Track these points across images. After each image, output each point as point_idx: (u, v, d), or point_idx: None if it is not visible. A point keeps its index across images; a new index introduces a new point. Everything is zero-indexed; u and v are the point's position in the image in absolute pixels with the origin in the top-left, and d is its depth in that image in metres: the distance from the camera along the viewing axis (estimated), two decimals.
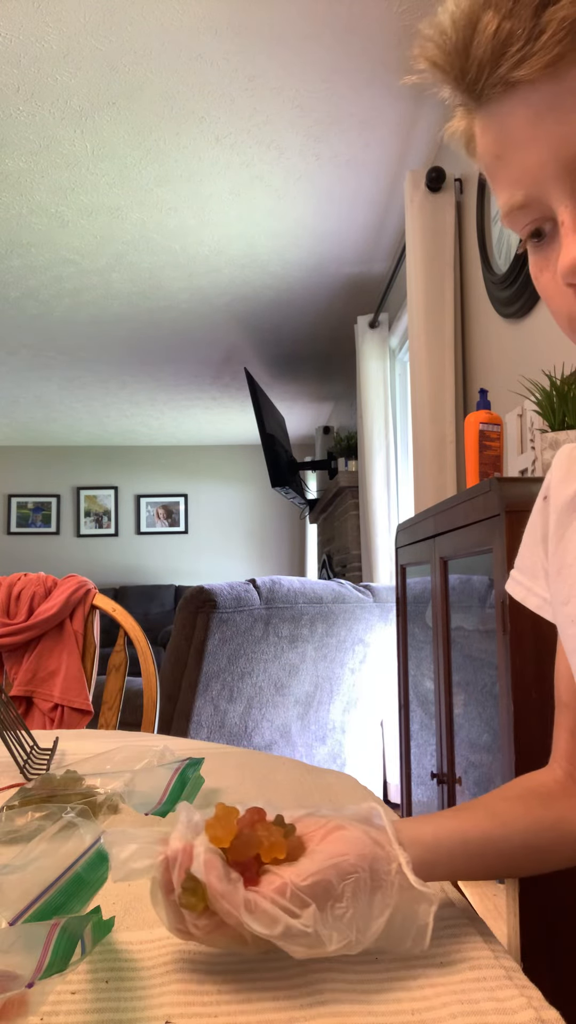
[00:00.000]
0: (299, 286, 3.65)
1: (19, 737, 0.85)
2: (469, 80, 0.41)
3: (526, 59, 0.39)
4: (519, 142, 0.42)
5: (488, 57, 0.40)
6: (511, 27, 0.38)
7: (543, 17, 0.38)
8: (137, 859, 0.45)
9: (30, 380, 5.20)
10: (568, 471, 0.62)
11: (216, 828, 0.45)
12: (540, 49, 0.38)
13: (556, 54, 0.38)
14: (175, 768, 0.73)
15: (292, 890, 0.42)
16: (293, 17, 1.93)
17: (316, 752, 2.50)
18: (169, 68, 2.11)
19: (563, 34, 0.38)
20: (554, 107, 0.39)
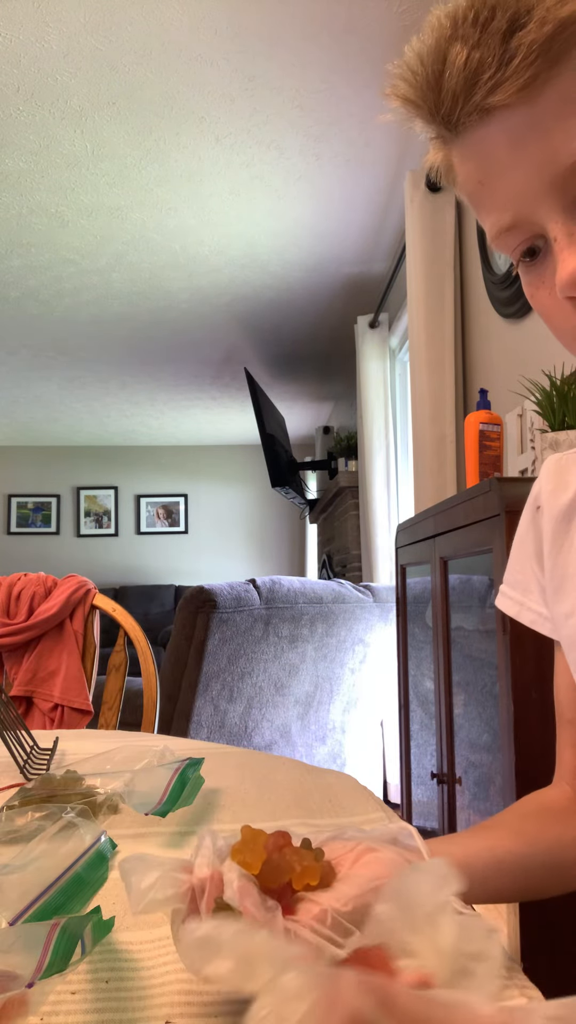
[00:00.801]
0: (299, 286, 3.65)
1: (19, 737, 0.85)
2: (444, 112, 0.42)
3: (499, 85, 0.40)
4: (501, 166, 0.42)
5: (461, 87, 0.41)
6: (481, 56, 0.39)
7: (512, 43, 0.39)
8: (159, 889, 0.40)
9: (30, 380, 5.20)
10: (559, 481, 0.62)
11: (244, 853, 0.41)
12: (513, 74, 0.39)
13: (529, 76, 0.39)
14: (175, 768, 0.73)
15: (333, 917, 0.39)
16: (293, 17, 1.93)
17: (316, 752, 2.50)
18: (169, 68, 2.11)
19: (534, 57, 0.39)
20: (533, 128, 0.40)
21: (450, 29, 0.40)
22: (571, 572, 0.58)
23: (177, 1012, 0.41)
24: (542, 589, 0.63)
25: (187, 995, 0.42)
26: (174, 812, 0.65)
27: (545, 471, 0.65)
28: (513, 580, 0.67)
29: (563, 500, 0.60)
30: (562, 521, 0.60)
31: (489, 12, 0.39)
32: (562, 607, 0.58)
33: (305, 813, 0.70)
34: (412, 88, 0.42)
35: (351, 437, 4.42)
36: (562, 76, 0.39)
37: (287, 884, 0.41)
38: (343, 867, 0.44)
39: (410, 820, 2.00)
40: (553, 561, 0.61)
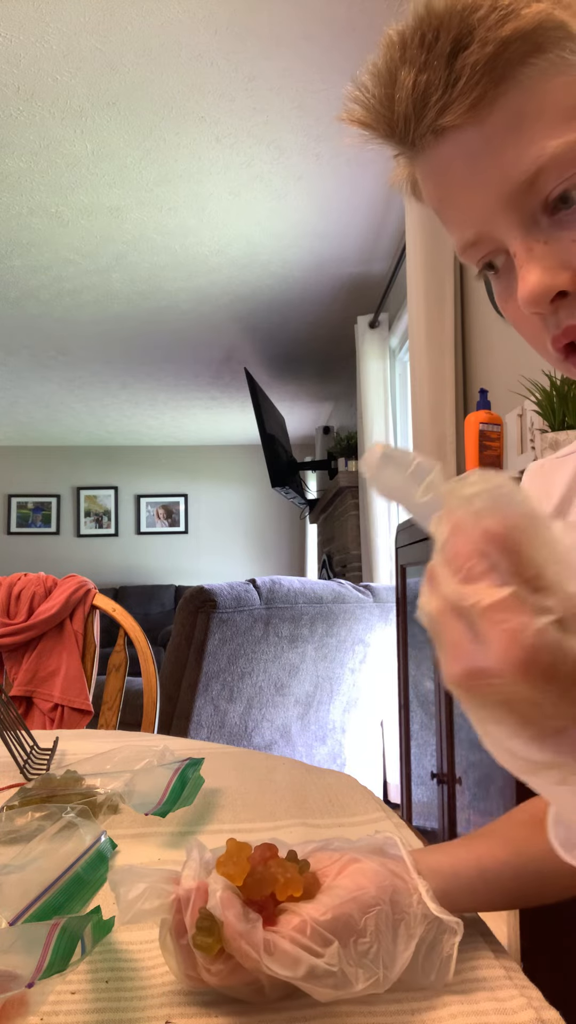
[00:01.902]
0: (299, 286, 3.65)
1: (19, 737, 0.86)
2: (399, 134, 0.43)
3: (448, 106, 0.40)
4: (459, 184, 0.43)
5: (412, 110, 0.41)
6: (428, 78, 0.40)
7: (456, 64, 0.39)
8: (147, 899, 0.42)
9: (30, 380, 5.20)
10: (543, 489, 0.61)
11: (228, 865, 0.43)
12: (459, 95, 0.40)
13: (475, 97, 0.40)
14: (175, 768, 0.73)
15: (312, 927, 0.40)
16: (293, 17, 1.93)
17: (316, 752, 2.50)
18: (169, 68, 2.11)
19: (478, 77, 0.39)
20: (484, 146, 0.41)
21: (399, 50, 0.40)
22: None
23: (177, 1012, 0.41)
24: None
25: (187, 995, 0.42)
26: (174, 812, 0.65)
27: (528, 478, 0.64)
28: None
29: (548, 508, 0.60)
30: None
31: (434, 34, 0.39)
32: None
33: (305, 813, 0.70)
34: (366, 111, 0.43)
35: (351, 437, 4.42)
36: (508, 95, 0.40)
37: (271, 895, 0.42)
38: (327, 878, 0.45)
39: (410, 820, 2.00)
40: None
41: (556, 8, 0.39)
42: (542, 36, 0.39)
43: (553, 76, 0.39)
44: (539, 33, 0.39)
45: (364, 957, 0.40)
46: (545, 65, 0.39)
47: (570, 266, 0.41)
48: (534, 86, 0.39)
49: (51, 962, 0.35)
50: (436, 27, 0.39)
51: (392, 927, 0.42)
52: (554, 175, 0.40)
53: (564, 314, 0.43)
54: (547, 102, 0.39)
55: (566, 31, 0.39)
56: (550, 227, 0.42)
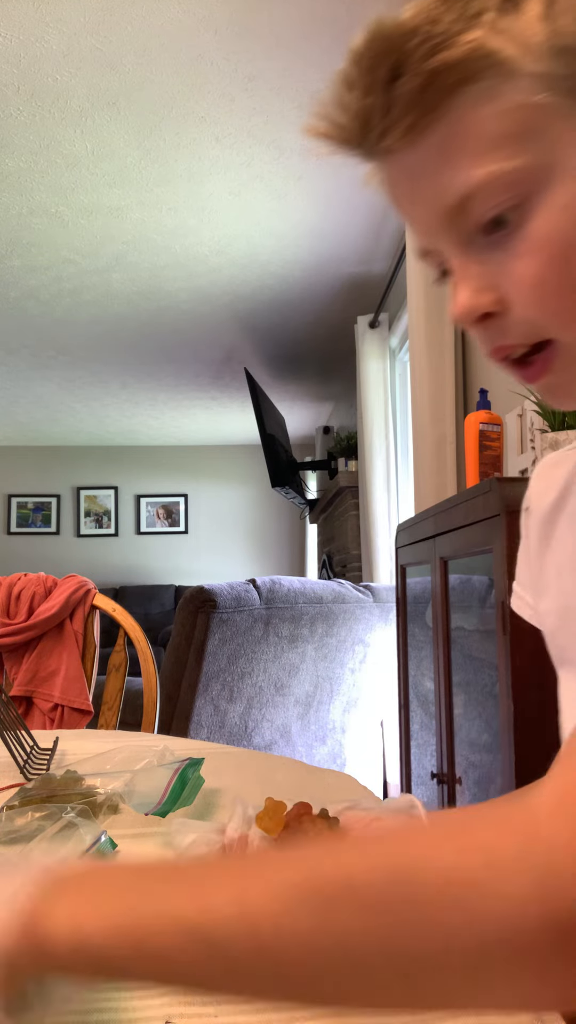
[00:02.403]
0: (299, 286, 3.65)
1: (19, 737, 0.86)
2: (354, 150, 0.45)
3: (387, 131, 0.42)
4: (405, 200, 0.46)
5: (358, 132, 0.43)
6: (371, 103, 0.41)
7: (392, 92, 0.41)
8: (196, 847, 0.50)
9: (30, 380, 5.20)
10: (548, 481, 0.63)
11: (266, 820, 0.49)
12: (395, 121, 0.41)
13: (409, 123, 0.41)
14: (175, 768, 0.73)
15: None
16: (293, 17, 1.93)
17: (316, 752, 2.50)
18: (169, 68, 2.11)
19: (410, 106, 0.41)
20: (423, 169, 0.43)
21: (353, 70, 0.42)
22: (552, 572, 0.59)
23: (177, 1012, 0.41)
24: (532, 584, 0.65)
25: (187, 995, 0.42)
26: (174, 812, 0.65)
27: (538, 470, 0.66)
28: (518, 578, 0.69)
29: (548, 500, 0.62)
30: (546, 522, 0.61)
31: (375, 59, 0.41)
32: (543, 603, 0.60)
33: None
34: (325, 125, 0.44)
35: (351, 437, 4.42)
36: (441, 122, 0.41)
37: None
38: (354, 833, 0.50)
39: None
40: (539, 560, 0.62)
41: (490, 35, 0.39)
42: (471, 66, 0.40)
43: (483, 104, 0.40)
44: (468, 63, 0.40)
45: None
46: (475, 94, 0.40)
47: (497, 288, 0.43)
48: (463, 115, 0.40)
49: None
50: (379, 51, 0.41)
51: None
52: (482, 201, 0.41)
53: (493, 333, 0.45)
54: (476, 130, 0.40)
55: (496, 60, 0.39)
56: (485, 247, 0.43)
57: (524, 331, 0.44)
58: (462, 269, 0.44)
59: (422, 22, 0.40)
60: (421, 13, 0.41)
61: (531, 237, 0.41)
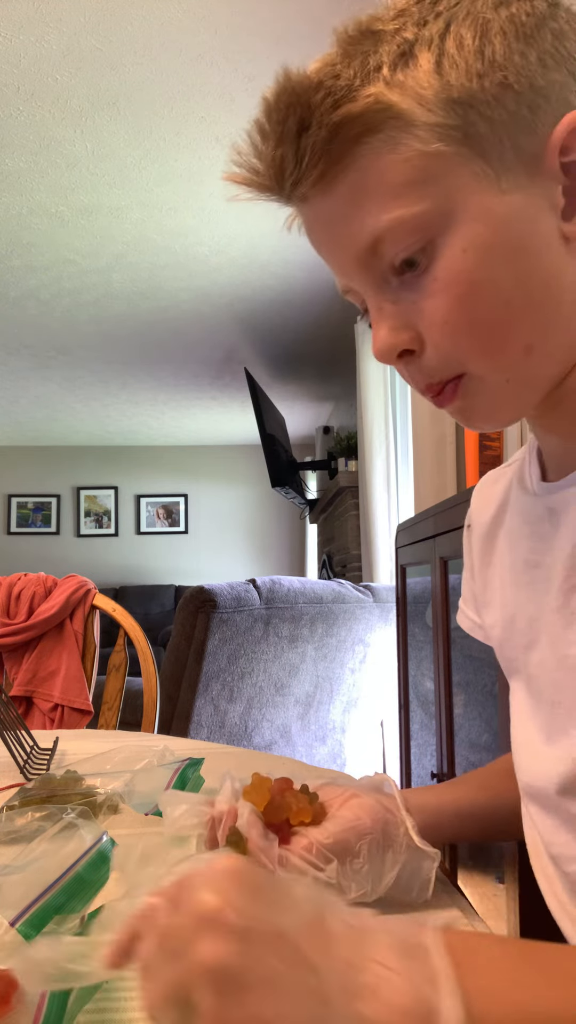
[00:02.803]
0: (299, 286, 3.65)
1: (19, 737, 0.86)
2: (272, 196, 0.47)
3: (300, 181, 0.44)
4: (321, 243, 0.48)
5: (274, 179, 0.45)
6: (283, 153, 0.43)
7: (301, 143, 0.43)
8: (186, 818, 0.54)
9: (30, 380, 5.20)
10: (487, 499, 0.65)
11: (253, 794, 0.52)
12: (306, 171, 0.43)
13: (318, 173, 0.43)
14: (175, 768, 0.73)
15: (317, 848, 0.50)
16: (293, 17, 1.93)
17: (316, 752, 2.50)
18: (169, 68, 2.11)
19: (317, 157, 0.43)
20: (334, 214, 0.45)
21: (266, 121, 0.43)
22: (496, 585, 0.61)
23: None
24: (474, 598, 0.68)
25: None
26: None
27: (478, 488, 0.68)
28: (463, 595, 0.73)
29: (487, 517, 0.63)
30: (487, 538, 0.63)
31: (286, 111, 0.42)
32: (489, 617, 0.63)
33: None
34: (244, 175, 0.46)
35: (351, 437, 4.42)
36: (348, 171, 0.43)
37: (285, 820, 0.52)
38: (332, 808, 0.54)
39: None
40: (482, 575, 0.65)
41: (387, 89, 0.42)
42: (371, 118, 0.42)
43: (385, 154, 0.42)
44: (368, 116, 0.42)
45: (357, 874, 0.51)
46: (377, 144, 0.42)
47: (412, 327, 0.45)
48: (368, 164, 0.42)
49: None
50: (287, 104, 0.42)
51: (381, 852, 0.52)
52: (390, 244, 0.43)
53: (412, 369, 0.47)
54: (379, 179, 0.42)
55: (394, 112, 0.41)
56: (398, 287, 0.45)
57: (440, 366, 0.46)
58: (378, 309, 0.46)
59: (325, 76, 0.42)
60: (325, 67, 0.43)
61: (438, 278, 0.43)
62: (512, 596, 0.57)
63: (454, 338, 0.44)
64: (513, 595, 0.57)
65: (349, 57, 0.43)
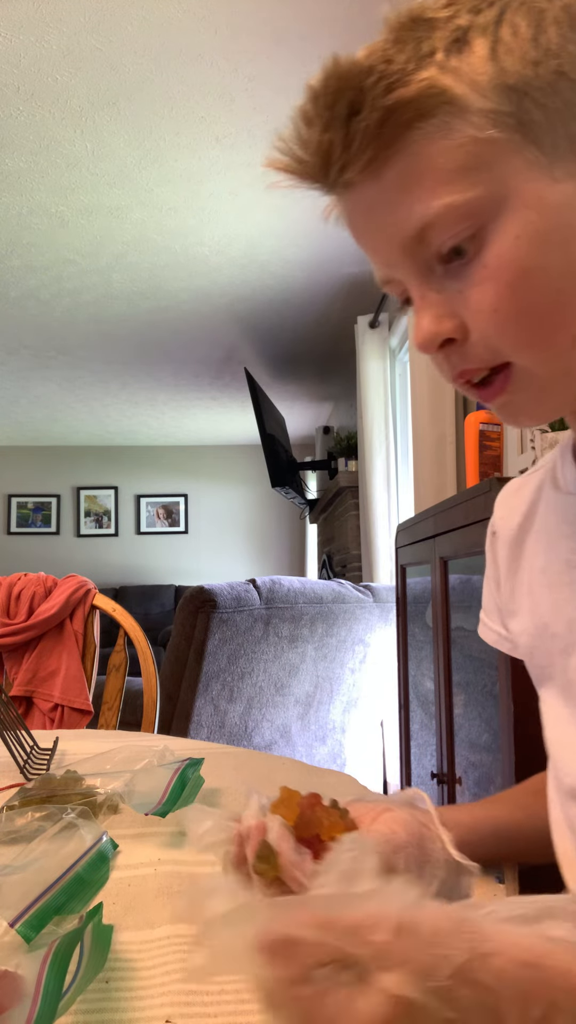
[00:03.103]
0: (299, 286, 3.65)
1: (19, 737, 0.86)
2: (314, 184, 0.47)
3: (347, 166, 0.44)
4: (365, 231, 0.48)
5: (319, 166, 0.45)
6: (331, 138, 0.43)
7: (351, 127, 0.43)
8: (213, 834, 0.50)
9: (30, 380, 5.20)
10: (511, 505, 0.65)
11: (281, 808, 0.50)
12: (355, 156, 0.43)
13: (368, 158, 0.43)
14: (175, 768, 0.73)
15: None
16: (293, 17, 1.93)
17: (316, 752, 2.50)
18: (169, 68, 2.11)
19: (368, 141, 0.43)
20: (381, 201, 0.45)
21: (311, 106, 0.44)
22: (523, 592, 0.61)
23: (177, 1012, 0.41)
24: (500, 611, 0.67)
25: (187, 995, 0.42)
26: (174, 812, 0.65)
27: (501, 497, 0.68)
28: (484, 604, 0.72)
29: (513, 524, 0.63)
30: (514, 544, 0.63)
31: (334, 96, 0.43)
32: (516, 626, 0.62)
33: None
34: (286, 160, 0.46)
35: (351, 437, 4.42)
36: (398, 156, 0.43)
37: (316, 835, 0.49)
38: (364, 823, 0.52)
39: None
40: (509, 583, 0.64)
41: (442, 74, 0.42)
42: (425, 103, 0.42)
43: (437, 140, 0.42)
44: (422, 100, 0.42)
45: None
46: (430, 129, 0.42)
47: (457, 315, 0.45)
48: (419, 149, 0.42)
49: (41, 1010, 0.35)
50: (337, 88, 0.43)
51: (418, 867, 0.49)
52: (439, 232, 0.43)
53: (455, 359, 0.47)
54: (431, 164, 0.42)
55: (448, 97, 0.42)
56: (443, 276, 0.45)
57: (484, 355, 0.46)
58: (421, 298, 0.46)
59: (377, 61, 0.42)
60: (376, 52, 0.43)
61: (488, 266, 0.43)
62: (547, 600, 0.56)
63: (502, 327, 0.44)
64: (549, 598, 0.56)
65: (401, 43, 0.43)
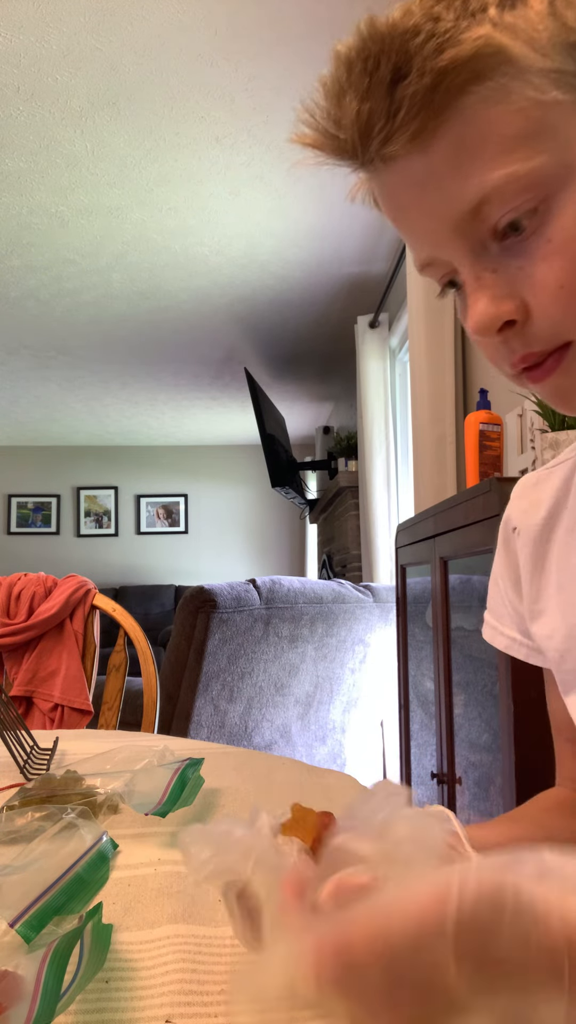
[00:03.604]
0: (299, 286, 3.65)
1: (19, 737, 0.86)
2: (348, 158, 0.42)
3: (391, 136, 0.39)
4: (410, 209, 0.43)
5: (357, 137, 0.40)
6: (371, 107, 0.39)
7: (396, 94, 0.38)
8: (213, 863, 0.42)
9: (30, 380, 5.20)
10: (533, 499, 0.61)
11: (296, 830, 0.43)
12: (401, 126, 0.39)
13: (416, 128, 0.39)
14: (175, 768, 0.73)
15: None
16: (293, 17, 1.93)
17: (316, 752, 2.50)
18: (169, 68, 2.11)
19: (417, 109, 0.38)
20: (430, 176, 0.40)
21: (345, 72, 0.39)
22: (551, 593, 0.57)
23: (177, 1012, 0.41)
24: (515, 614, 0.62)
25: (187, 995, 0.42)
26: (174, 812, 0.65)
27: (518, 491, 0.64)
28: (491, 607, 0.67)
29: (538, 519, 0.59)
30: (539, 542, 0.59)
31: (375, 61, 0.38)
32: (543, 629, 0.58)
33: None
34: (316, 135, 0.42)
35: (351, 437, 4.42)
36: (449, 124, 0.39)
37: None
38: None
39: None
40: (532, 582, 0.60)
41: (497, 31, 0.38)
42: (481, 63, 0.38)
43: (494, 104, 0.38)
44: (478, 61, 0.38)
45: None
46: (486, 93, 0.38)
47: (516, 295, 0.41)
48: (475, 115, 0.38)
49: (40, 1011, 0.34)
50: (377, 52, 0.38)
51: None
52: (498, 205, 0.39)
53: (516, 343, 0.43)
54: (488, 132, 0.38)
55: (506, 56, 0.38)
56: (499, 254, 0.41)
57: (547, 336, 0.42)
58: (476, 279, 0.42)
59: (422, 20, 0.38)
60: (417, 12, 0.38)
61: (552, 240, 0.39)
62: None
63: (569, 304, 0.40)
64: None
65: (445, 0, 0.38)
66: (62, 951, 0.38)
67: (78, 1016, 0.40)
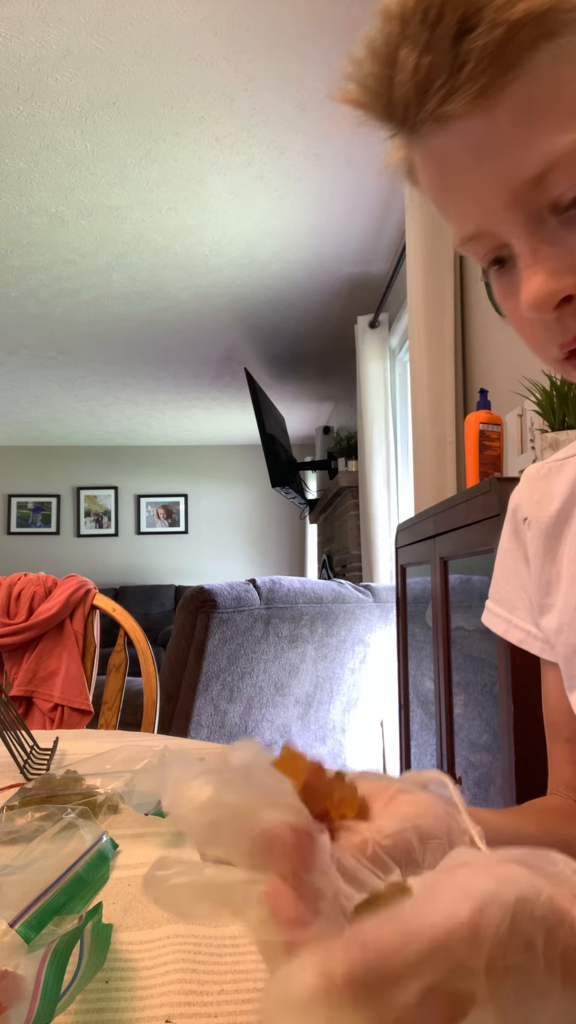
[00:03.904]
0: (299, 286, 3.65)
1: (19, 737, 0.85)
2: (397, 117, 0.39)
3: (453, 93, 0.36)
4: (461, 177, 0.40)
5: (412, 94, 0.37)
6: (431, 61, 0.36)
7: (462, 47, 0.35)
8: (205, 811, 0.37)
9: (30, 380, 5.20)
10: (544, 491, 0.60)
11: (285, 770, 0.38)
12: (465, 82, 0.36)
13: (482, 85, 0.36)
14: None
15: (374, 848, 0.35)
16: (293, 17, 1.93)
17: (316, 752, 2.50)
18: (169, 68, 2.11)
19: (486, 63, 0.35)
20: (492, 138, 0.37)
21: (399, 25, 0.36)
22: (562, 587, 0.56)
23: (177, 1012, 0.41)
24: (530, 606, 0.61)
25: (187, 995, 0.42)
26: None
27: (526, 481, 0.63)
28: (499, 597, 0.65)
29: (550, 511, 0.58)
30: (551, 534, 0.58)
31: (438, 11, 0.35)
32: (552, 622, 0.57)
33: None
34: (362, 91, 0.39)
35: (351, 437, 4.42)
36: (518, 82, 0.36)
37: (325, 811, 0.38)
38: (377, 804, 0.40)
39: None
40: (541, 575, 0.59)
41: None
42: (555, 19, 0.35)
43: (566, 63, 0.35)
44: (553, 15, 0.35)
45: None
46: (558, 51, 0.35)
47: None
48: (545, 74, 0.35)
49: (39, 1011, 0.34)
50: (440, 3, 0.35)
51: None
52: (564, 174, 0.37)
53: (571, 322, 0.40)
54: (559, 93, 0.36)
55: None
56: (558, 227, 0.39)
57: None
58: (532, 252, 0.39)
59: None
60: None
61: None
62: None
63: None
64: None
65: None
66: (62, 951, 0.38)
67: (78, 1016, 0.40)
